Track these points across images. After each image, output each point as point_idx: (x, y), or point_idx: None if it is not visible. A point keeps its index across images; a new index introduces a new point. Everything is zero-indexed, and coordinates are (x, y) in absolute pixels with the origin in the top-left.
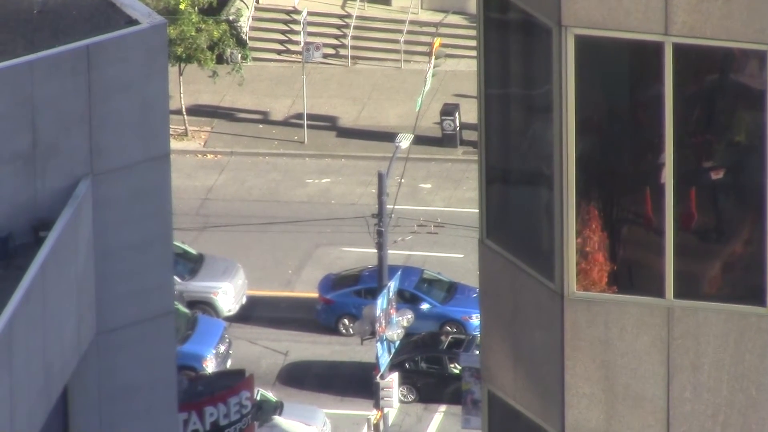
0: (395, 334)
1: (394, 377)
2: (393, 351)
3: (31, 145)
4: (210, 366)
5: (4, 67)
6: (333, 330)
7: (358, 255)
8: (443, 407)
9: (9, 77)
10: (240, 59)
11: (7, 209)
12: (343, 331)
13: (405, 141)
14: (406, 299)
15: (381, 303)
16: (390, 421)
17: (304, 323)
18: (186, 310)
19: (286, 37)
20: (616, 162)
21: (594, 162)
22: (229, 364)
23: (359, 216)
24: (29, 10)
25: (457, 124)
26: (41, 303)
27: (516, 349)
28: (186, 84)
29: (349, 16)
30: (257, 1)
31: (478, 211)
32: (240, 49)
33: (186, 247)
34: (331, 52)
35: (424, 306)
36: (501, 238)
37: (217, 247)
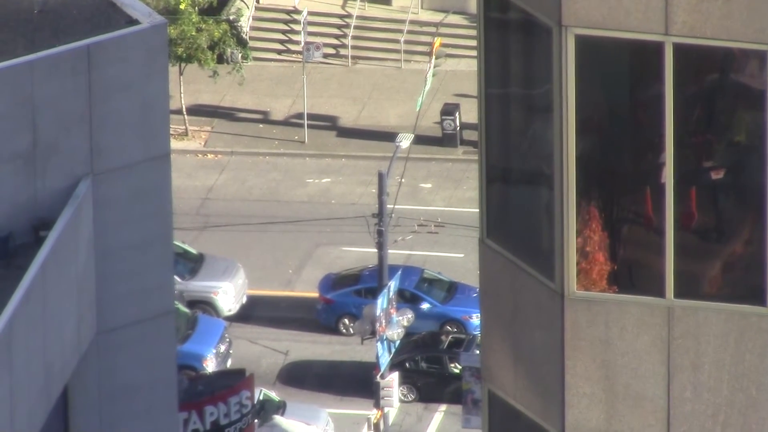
0: (395, 333)
1: (395, 377)
2: (393, 350)
3: (32, 144)
4: (210, 365)
5: (4, 66)
6: (333, 330)
7: (359, 255)
8: (443, 407)
9: (9, 77)
10: (240, 59)
11: (8, 209)
12: (344, 330)
13: (405, 141)
14: (407, 299)
15: (381, 303)
16: (390, 420)
17: (304, 323)
18: (186, 310)
19: (287, 37)
20: (616, 162)
21: (594, 162)
22: (229, 363)
23: (359, 216)
24: (30, 10)
25: (458, 124)
26: (41, 303)
27: (516, 349)
28: (186, 84)
29: (349, 16)
30: (257, 1)
31: (478, 210)
32: (241, 49)
33: (186, 246)
34: (332, 51)
35: (425, 306)
36: (501, 238)
37: (218, 246)
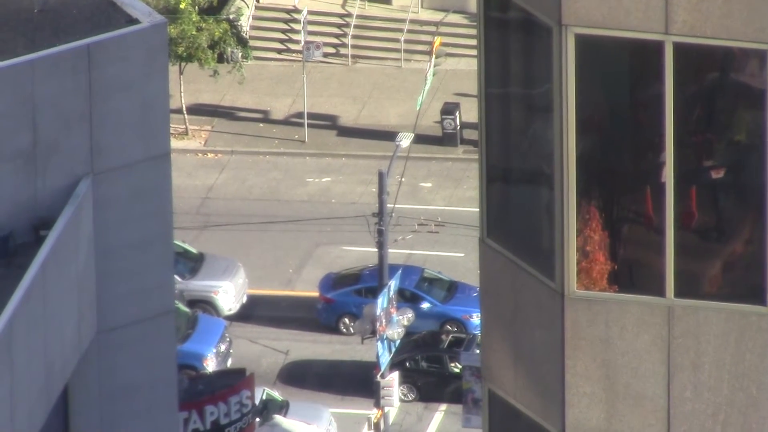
0: (396, 333)
1: (395, 376)
2: (393, 350)
3: (32, 143)
4: (210, 365)
5: (4, 66)
6: (333, 329)
7: (359, 254)
8: (444, 406)
9: (10, 76)
10: (241, 58)
11: (8, 208)
12: (344, 330)
13: (405, 140)
14: (407, 298)
15: (381, 302)
16: (390, 420)
17: (304, 322)
18: (186, 309)
19: (287, 36)
20: (616, 161)
21: (594, 161)
22: (229, 363)
23: (360, 215)
24: (30, 9)
25: (458, 123)
26: (42, 302)
27: (516, 348)
28: (186, 83)
29: (349, 15)
30: (257, 0)
31: (478, 210)
32: (241, 48)
33: (186, 246)
34: (332, 51)
35: (425, 305)
36: (501, 237)
37: (218, 246)
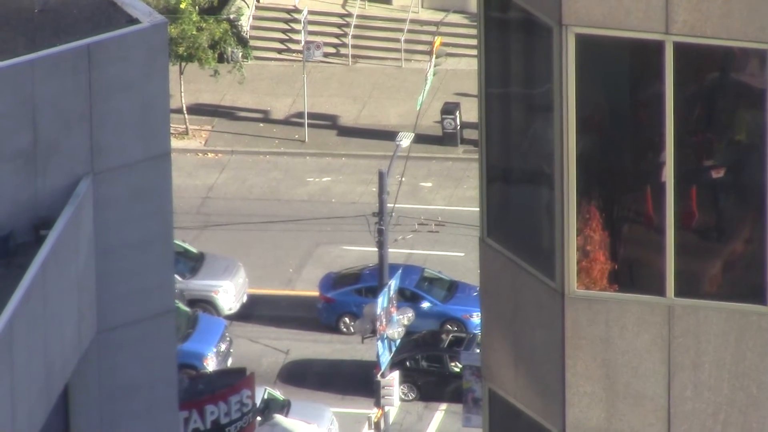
0: (396, 332)
1: (395, 376)
2: (394, 349)
3: (32, 143)
4: (211, 364)
5: (5, 65)
6: (334, 328)
7: (359, 253)
8: (444, 406)
9: (10, 76)
10: (241, 58)
11: (8, 207)
12: (344, 329)
13: (406, 140)
14: (407, 298)
15: (382, 301)
16: (391, 419)
17: (304, 322)
18: (187, 309)
19: (287, 36)
20: (616, 161)
21: (595, 161)
22: (229, 362)
23: (360, 215)
24: (30, 9)
25: (458, 123)
26: (42, 302)
27: (517, 348)
28: (186, 83)
29: (349, 15)
30: (258, 0)
31: (478, 209)
32: (241, 48)
33: (187, 245)
34: (332, 51)
35: (425, 304)
36: (502, 237)
37: (218, 245)
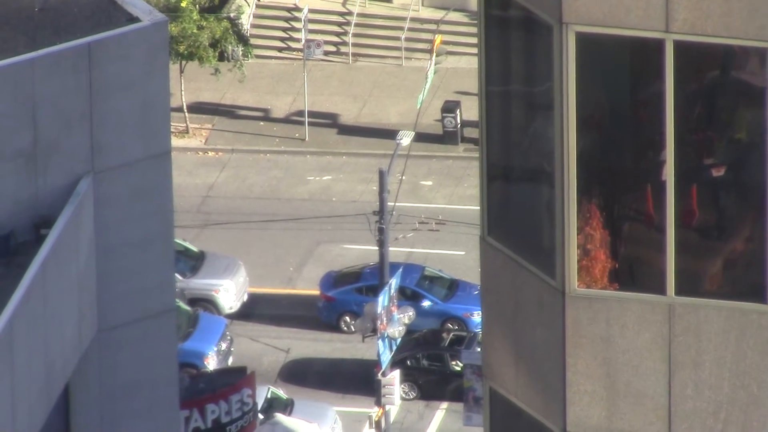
0: (396, 331)
1: (396, 374)
2: (394, 348)
3: (33, 142)
4: (211, 363)
5: (5, 64)
6: (334, 327)
7: (360, 252)
8: (445, 404)
9: (10, 75)
10: (241, 56)
11: (9, 207)
12: (345, 328)
13: (406, 138)
14: (408, 296)
15: (382, 300)
16: (391, 418)
17: (305, 320)
18: (187, 308)
19: (287, 35)
20: (617, 159)
21: (595, 159)
22: (230, 361)
23: (360, 213)
24: (31, 8)
25: (458, 122)
26: (42, 301)
27: (517, 347)
28: (187, 81)
29: (350, 14)
30: None
31: (479, 208)
32: (242, 47)
33: (187, 244)
34: (332, 49)
35: (426, 303)
36: (502, 235)
37: (219, 244)
